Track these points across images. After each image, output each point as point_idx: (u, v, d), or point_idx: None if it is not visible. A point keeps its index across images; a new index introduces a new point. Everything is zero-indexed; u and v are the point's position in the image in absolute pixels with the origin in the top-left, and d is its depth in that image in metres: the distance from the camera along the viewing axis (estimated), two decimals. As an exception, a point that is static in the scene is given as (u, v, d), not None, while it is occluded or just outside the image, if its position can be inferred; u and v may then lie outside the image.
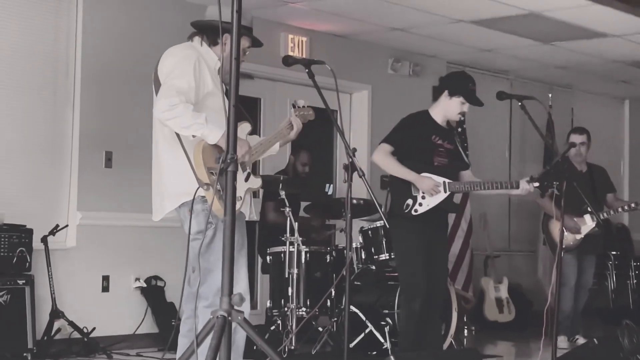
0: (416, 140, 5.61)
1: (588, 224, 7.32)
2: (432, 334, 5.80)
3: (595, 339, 5.53)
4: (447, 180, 5.60)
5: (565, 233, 7.16)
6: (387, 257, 6.70)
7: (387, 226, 4.91)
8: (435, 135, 5.65)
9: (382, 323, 6.54)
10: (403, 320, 5.77)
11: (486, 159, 9.82)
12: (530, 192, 5.59)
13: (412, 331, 5.64)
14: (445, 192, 5.58)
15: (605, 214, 7.33)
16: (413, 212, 5.55)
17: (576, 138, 7.61)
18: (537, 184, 5.47)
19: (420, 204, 5.55)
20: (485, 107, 5.84)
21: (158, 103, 4.00)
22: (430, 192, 5.52)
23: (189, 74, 4.05)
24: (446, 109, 5.68)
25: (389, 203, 5.67)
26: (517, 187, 5.58)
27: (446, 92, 5.65)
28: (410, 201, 5.56)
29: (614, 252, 10.19)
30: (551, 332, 5.24)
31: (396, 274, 6.10)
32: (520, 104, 5.30)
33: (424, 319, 5.75)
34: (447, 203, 5.64)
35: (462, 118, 8.68)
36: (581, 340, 7.38)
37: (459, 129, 9.04)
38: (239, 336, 4.05)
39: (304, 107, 4.53)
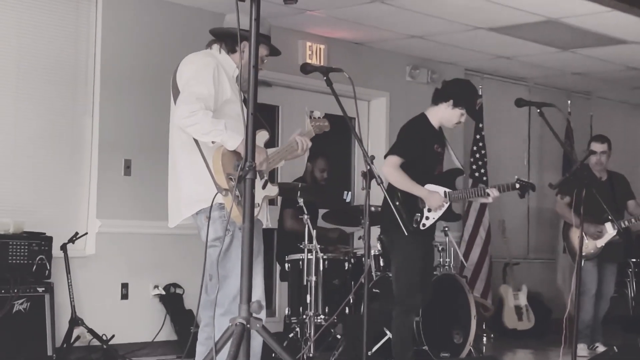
0: (422, 151, 5.56)
1: (609, 232, 7.27)
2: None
3: (615, 347, 5.51)
4: (447, 190, 5.59)
5: (586, 241, 7.12)
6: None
7: (406, 233, 4.88)
8: (437, 145, 5.62)
9: (401, 331, 6.51)
10: (399, 332, 5.71)
11: (505, 166, 9.79)
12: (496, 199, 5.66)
13: (409, 343, 5.70)
14: (447, 202, 5.58)
15: (626, 222, 7.28)
16: (421, 227, 5.56)
17: (597, 147, 7.54)
18: (518, 186, 5.51)
19: (427, 217, 5.56)
20: (504, 114, 5.83)
21: (178, 110, 4.02)
22: (437, 208, 5.52)
23: (208, 82, 4.07)
24: (445, 117, 5.62)
25: (401, 215, 5.54)
26: (486, 195, 5.60)
27: (451, 101, 5.57)
28: (418, 215, 5.55)
29: (634, 260, 10.11)
30: (570, 340, 5.21)
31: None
32: (539, 111, 5.26)
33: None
34: (448, 214, 5.64)
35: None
36: (601, 348, 7.33)
37: (477, 136, 9.03)
38: (256, 343, 4.04)
39: (319, 117, 4.51)
